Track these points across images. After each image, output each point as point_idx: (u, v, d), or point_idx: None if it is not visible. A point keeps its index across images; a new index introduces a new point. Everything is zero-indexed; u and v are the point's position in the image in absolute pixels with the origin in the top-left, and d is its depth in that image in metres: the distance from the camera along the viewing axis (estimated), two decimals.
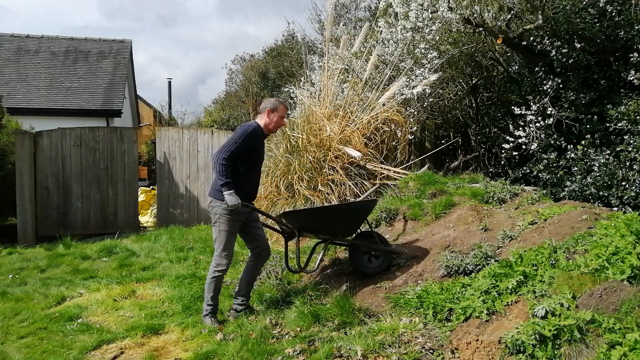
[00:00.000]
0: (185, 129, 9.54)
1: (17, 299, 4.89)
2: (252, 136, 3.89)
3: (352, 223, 4.40)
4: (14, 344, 3.83)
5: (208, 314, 3.96)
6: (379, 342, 3.15)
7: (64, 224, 8.52)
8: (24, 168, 8.19)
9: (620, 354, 2.37)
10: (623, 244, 3.04)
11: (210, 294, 3.96)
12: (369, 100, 6.90)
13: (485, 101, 8.20)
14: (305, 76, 8.01)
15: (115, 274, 5.72)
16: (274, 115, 4.02)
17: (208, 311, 3.96)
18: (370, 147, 6.56)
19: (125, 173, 8.89)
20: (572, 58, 6.33)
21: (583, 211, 4.06)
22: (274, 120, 4.03)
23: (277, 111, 4.02)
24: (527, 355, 2.68)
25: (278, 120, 4.06)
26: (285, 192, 6.28)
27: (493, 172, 7.51)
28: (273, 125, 4.06)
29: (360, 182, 6.16)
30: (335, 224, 4.29)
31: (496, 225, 4.55)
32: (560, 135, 6.39)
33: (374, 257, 4.43)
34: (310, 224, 4.28)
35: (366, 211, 4.56)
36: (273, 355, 3.24)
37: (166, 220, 8.79)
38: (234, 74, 21.11)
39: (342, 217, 4.33)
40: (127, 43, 16.13)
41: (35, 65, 14.59)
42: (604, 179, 5.62)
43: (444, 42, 7.08)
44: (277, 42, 17.38)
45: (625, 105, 5.77)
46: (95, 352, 3.61)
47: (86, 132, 8.77)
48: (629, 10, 6.01)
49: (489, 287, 3.34)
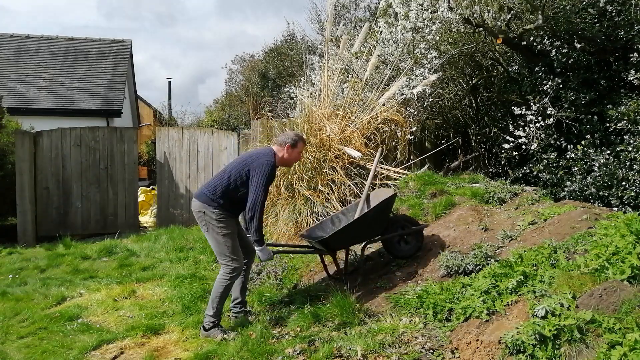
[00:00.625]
0: (185, 129, 9.54)
1: (17, 299, 4.89)
2: (271, 173, 3.76)
3: (380, 223, 4.36)
4: (14, 344, 3.83)
5: (213, 327, 3.74)
6: (379, 342, 3.15)
7: (64, 224, 8.52)
8: (24, 168, 8.19)
9: (620, 354, 2.37)
10: (623, 244, 3.04)
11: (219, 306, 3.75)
12: (369, 100, 6.90)
13: (485, 101, 8.21)
14: (305, 76, 8.01)
15: (116, 274, 5.72)
16: (293, 151, 3.93)
17: (213, 323, 3.74)
18: (370, 147, 6.55)
19: (125, 173, 8.88)
20: (572, 58, 6.33)
21: (583, 211, 4.06)
22: (292, 156, 3.95)
23: (297, 148, 3.94)
24: (527, 355, 2.68)
25: (296, 156, 4.02)
26: (285, 192, 6.28)
27: (493, 172, 7.51)
28: (290, 161, 4.02)
29: (360, 182, 6.16)
30: (365, 231, 4.28)
31: (496, 225, 4.55)
32: (560, 135, 6.39)
33: (404, 242, 4.51)
34: (345, 241, 4.26)
35: (389, 207, 4.47)
36: (273, 355, 3.24)
37: (166, 220, 8.79)
38: (234, 74, 21.12)
39: (369, 223, 4.27)
40: (127, 43, 16.14)
41: (35, 65, 14.59)
42: (604, 179, 5.62)
43: (444, 42, 7.08)
44: (277, 42, 17.38)
45: (625, 105, 5.77)
46: (95, 352, 3.61)
47: (86, 132, 8.77)
48: (629, 10, 6.01)
49: (489, 287, 3.34)
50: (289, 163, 4.06)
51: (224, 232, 3.73)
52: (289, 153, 3.91)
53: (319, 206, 5.86)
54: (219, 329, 3.74)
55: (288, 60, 14.83)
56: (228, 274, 3.74)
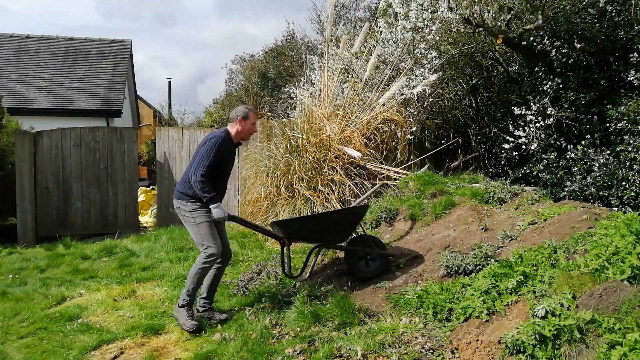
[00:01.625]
0: (185, 129, 9.54)
1: (17, 299, 4.88)
2: (222, 146, 3.92)
3: (343, 229, 4.37)
4: (14, 344, 3.83)
5: (185, 305, 3.89)
6: (379, 342, 3.15)
7: (64, 224, 8.52)
8: (24, 168, 8.19)
9: (620, 354, 2.37)
10: (623, 244, 3.04)
11: (192, 285, 3.91)
12: (369, 100, 6.90)
13: (485, 101, 8.20)
14: (305, 76, 8.02)
15: (115, 274, 5.71)
16: (246, 123, 4.09)
17: (186, 302, 3.90)
18: (370, 147, 6.56)
19: (125, 173, 8.88)
20: (572, 58, 6.33)
21: (583, 211, 4.06)
22: (245, 127, 4.10)
23: (249, 119, 4.10)
24: (527, 355, 2.68)
25: (250, 127, 4.14)
26: (285, 192, 6.28)
27: (493, 172, 7.51)
28: (245, 132, 4.14)
29: (360, 182, 6.16)
30: (326, 231, 4.27)
31: (496, 225, 4.55)
32: (560, 135, 6.39)
33: (370, 261, 4.40)
34: (301, 233, 4.30)
35: (357, 217, 4.49)
36: (273, 355, 3.24)
37: (166, 220, 8.78)
38: (233, 74, 21.12)
39: (332, 224, 4.31)
40: (127, 43, 16.14)
41: (35, 65, 14.59)
42: (604, 179, 5.62)
43: (444, 42, 7.08)
44: (277, 42, 17.39)
45: (625, 105, 5.77)
46: (95, 352, 3.61)
47: (86, 132, 8.77)
48: (629, 10, 6.01)
49: (489, 287, 3.34)
50: (246, 135, 4.18)
51: (197, 221, 3.88)
52: (242, 125, 4.07)
53: (319, 206, 5.86)
54: (186, 311, 3.88)
55: (288, 60, 14.83)
56: (204, 259, 3.88)
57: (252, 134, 4.34)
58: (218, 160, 3.89)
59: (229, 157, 4.09)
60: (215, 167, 3.89)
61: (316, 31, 13.96)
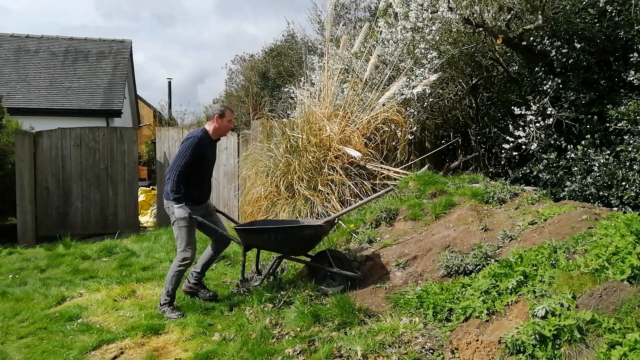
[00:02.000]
0: (185, 129, 9.53)
1: (17, 299, 4.89)
2: (198, 145, 4.16)
3: (301, 244, 4.45)
4: (14, 344, 3.83)
5: (166, 304, 4.21)
6: (379, 342, 3.15)
7: (64, 224, 8.52)
8: (24, 168, 8.19)
9: (620, 354, 2.37)
10: (623, 244, 3.04)
11: (171, 286, 4.21)
12: (369, 100, 6.90)
13: (485, 101, 8.20)
14: (305, 76, 8.02)
15: (115, 274, 5.72)
16: (222, 121, 4.34)
17: (167, 301, 4.22)
18: (370, 147, 6.56)
19: (125, 173, 8.89)
20: (572, 58, 6.33)
21: (583, 211, 4.06)
22: (222, 125, 4.36)
23: (225, 117, 4.35)
24: (527, 355, 2.68)
25: (226, 124, 4.40)
26: (285, 192, 6.28)
27: (493, 172, 7.50)
28: (222, 129, 4.39)
29: (360, 182, 6.16)
30: (283, 244, 4.39)
31: (496, 225, 4.55)
32: (560, 135, 6.39)
33: (330, 279, 4.39)
34: (256, 241, 4.49)
35: (316, 236, 4.47)
36: (273, 355, 3.24)
37: (166, 220, 8.70)
38: (233, 74, 21.08)
39: (289, 238, 4.39)
40: (127, 43, 16.14)
41: (35, 65, 14.59)
42: (604, 179, 5.62)
43: (444, 42, 7.08)
44: (277, 42, 17.36)
45: (625, 105, 5.77)
46: (95, 352, 3.60)
47: (86, 132, 8.77)
48: (629, 10, 6.01)
49: (489, 287, 3.34)
50: (223, 132, 4.44)
51: (179, 224, 4.15)
52: (219, 123, 4.34)
53: (319, 206, 5.86)
54: (170, 307, 4.21)
55: (288, 60, 14.82)
56: (179, 262, 4.21)
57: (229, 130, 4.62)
58: (196, 159, 4.14)
59: (208, 153, 4.35)
60: (194, 165, 4.14)
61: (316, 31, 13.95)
